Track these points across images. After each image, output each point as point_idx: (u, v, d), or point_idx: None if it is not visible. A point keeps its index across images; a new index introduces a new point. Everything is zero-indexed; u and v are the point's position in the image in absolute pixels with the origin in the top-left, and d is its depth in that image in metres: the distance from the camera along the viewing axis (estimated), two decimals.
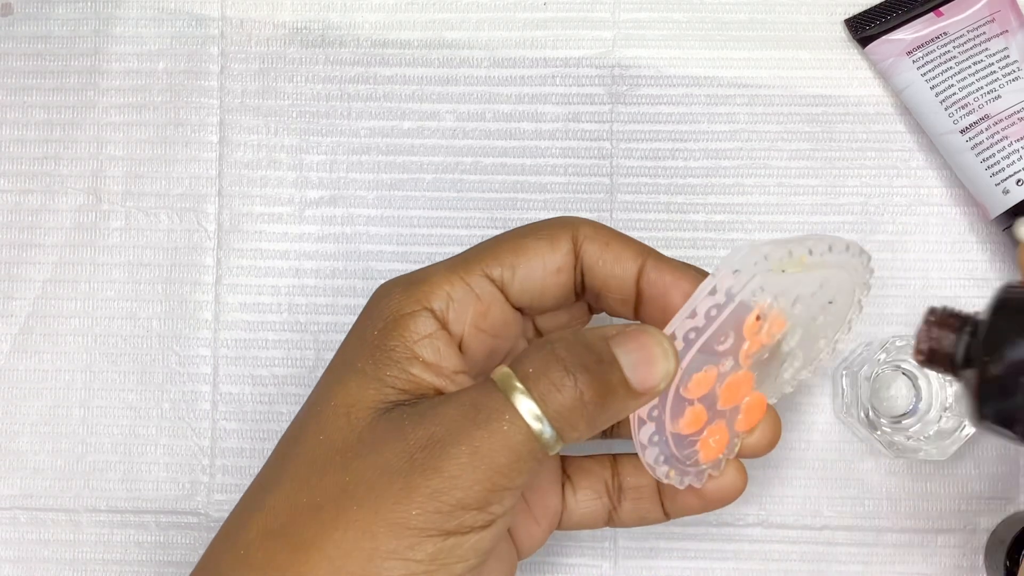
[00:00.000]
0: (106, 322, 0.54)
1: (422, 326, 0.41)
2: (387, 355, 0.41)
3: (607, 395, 0.39)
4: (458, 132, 0.54)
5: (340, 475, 0.39)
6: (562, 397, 0.39)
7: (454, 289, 0.42)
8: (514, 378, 0.39)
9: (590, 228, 0.43)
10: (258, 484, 0.42)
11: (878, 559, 0.52)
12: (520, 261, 0.43)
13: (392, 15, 0.55)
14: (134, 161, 0.55)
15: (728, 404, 0.43)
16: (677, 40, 0.54)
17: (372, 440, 0.39)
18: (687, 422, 0.42)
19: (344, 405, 0.40)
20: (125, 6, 0.55)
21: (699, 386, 0.42)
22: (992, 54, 0.52)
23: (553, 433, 0.39)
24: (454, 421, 0.39)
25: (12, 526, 0.53)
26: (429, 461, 0.38)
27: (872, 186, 0.53)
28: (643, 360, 0.40)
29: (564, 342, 0.40)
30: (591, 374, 0.39)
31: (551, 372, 0.39)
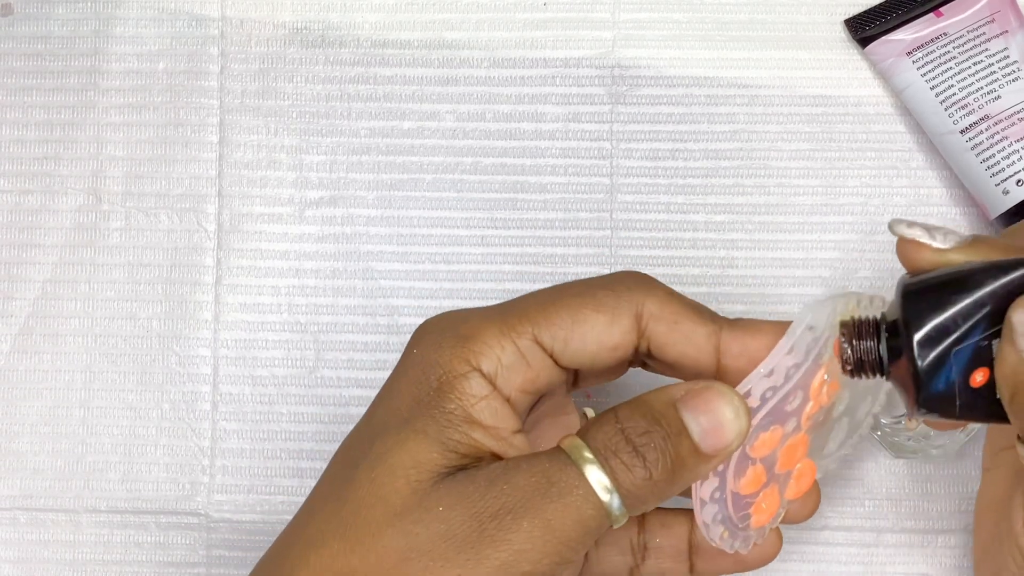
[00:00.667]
0: (106, 322, 0.54)
1: (476, 388, 0.40)
2: (447, 417, 0.39)
3: (677, 470, 0.39)
4: (458, 132, 0.54)
5: (399, 540, 0.38)
6: (633, 477, 0.38)
7: (504, 353, 0.41)
8: (585, 449, 0.38)
9: (655, 304, 0.41)
10: (299, 538, 0.40)
11: (878, 559, 0.52)
12: (575, 334, 0.41)
13: (392, 15, 0.55)
14: (134, 161, 0.55)
15: (784, 468, 0.43)
16: (677, 40, 0.54)
17: (436, 506, 0.38)
18: (748, 481, 0.42)
19: (404, 467, 0.39)
20: (125, 6, 0.55)
21: (764, 446, 0.42)
22: (992, 54, 0.52)
23: (621, 506, 0.38)
24: (526, 492, 0.38)
25: (12, 526, 0.53)
26: (499, 533, 0.37)
27: (872, 186, 0.53)
28: (713, 425, 0.39)
29: (632, 419, 0.39)
30: (660, 452, 0.38)
31: (621, 453, 0.38)
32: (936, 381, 0.38)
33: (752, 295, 0.53)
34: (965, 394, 0.38)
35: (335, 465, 0.42)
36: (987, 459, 0.46)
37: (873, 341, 0.40)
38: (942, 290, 0.38)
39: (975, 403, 0.38)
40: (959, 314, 0.37)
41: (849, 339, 0.40)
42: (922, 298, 0.38)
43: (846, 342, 0.40)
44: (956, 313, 0.37)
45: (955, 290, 0.38)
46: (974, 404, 0.38)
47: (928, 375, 0.38)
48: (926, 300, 0.38)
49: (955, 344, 0.37)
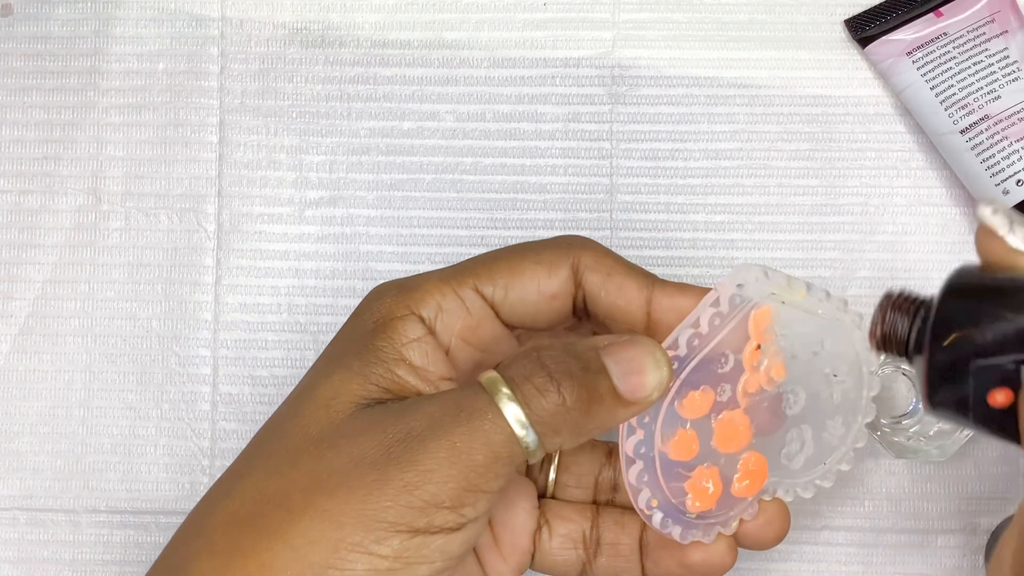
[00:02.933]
0: (106, 322, 0.54)
1: (411, 330, 0.41)
2: (374, 354, 0.41)
3: (592, 402, 0.39)
4: (458, 132, 0.54)
5: (313, 464, 0.39)
6: (545, 402, 0.39)
7: (444, 299, 0.42)
8: (501, 382, 0.39)
9: (591, 257, 0.43)
10: (230, 472, 0.41)
11: (878, 559, 0.52)
12: (514, 282, 0.42)
13: (392, 15, 0.55)
14: (134, 161, 0.55)
15: (724, 446, 0.43)
16: (677, 40, 0.54)
17: (350, 432, 0.39)
18: (677, 444, 0.42)
19: (325, 397, 0.40)
20: (125, 6, 0.55)
21: (694, 406, 0.42)
22: (992, 54, 0.52)
23: (536, 438, 0.39)
24: (435, 417, 0.39)
25: (12, 526, 0.53)
26: (405, 454, 0.38)
27: (872, 186, 0.53)
28: (634, 369, 0.40)
29: (552, 350, 0.40)
30: (575, 380, 0.39)
31: (535, 378, 0.39)
32: (952, 389, 0.36)
33: None
34: (980, 409, 0.36)
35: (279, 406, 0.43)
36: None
37: (906, 320, 0.38)
38: (984, 299, 0.36)
39: (989, 421, 0.36)
40: (995, 331, 0.35)
41: (884, 310, 0.39)
42: (961, 301, 0.36)
43: (881, 309, 0.39)
44: (992, 329, 0.35)
45: (997, 303, 0.35)
46: (987, 421, 0.36)
47: (944, 380, 0.36)
48: (964, 304, 0.36)
49: (978, 357, 0.35)
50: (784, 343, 0.43)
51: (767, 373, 0.43)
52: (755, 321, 0.42)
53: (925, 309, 0.38)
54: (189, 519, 0.41)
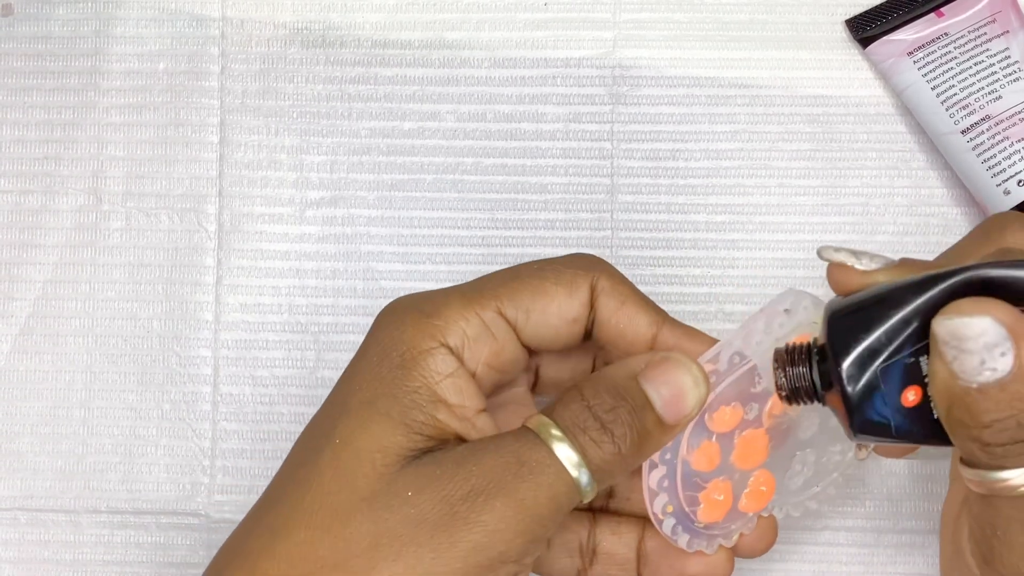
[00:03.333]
0: (106, 323, 0.54)
1: (442, 365, 0.40)
2: (410, 397, 0.39)
3: (643, 441, 0.40)
4: (459, 133, 0.54)
5: (368, 526, 0.37)
6: (602, 452, 0.39)
7: (469, 326, 0.41)
8: (553, 427, 0.39)
9: (608, 282, 0.43)
10: (264, 524, 0.39)
11: (878, 559, 0.52)
12: (537, 306, 0.42)
13: (392, 15, 0.55)
14: (134, 161, 0.55)
15: (742, 464, 0.43)
16: (677, 40, 0.54)
17: (404, 490, 0.38)
18: (700, 455, 0.42)
19: (368, 451, 0.38)
20: (125, 6, 0.55)
21: (723, 421, 0.42)
22: (993, 55, 0.52)
23: (591, 480, 0.39)
24: (496, 472, 0.38)
25: (12, 527, 0.53)
26: (472, 514, 0.37)
27: (873, 187, 0.53)
28: (675, 395, 0.40)
29: (596, 392, 0.40)
30: (627, 427, 0.39)
31: (590, 429, 0.39)
32: (868, 405, 0.37)
33: (753, 295, 0.53)
34: (899, 415, 0.37)
35: (297, 450, 0.41)
36: (953, 468, 0.45)
37: (805, 367, 0.40)
38: (865, 310, 0.38)
39: (911, 424, 0.37)
40: (884, 333, 0.37)
41: (781, 366, 0.40)
42: (846, 320, 0.38)
43: (779, 368, 0.40)
44: (881, 332, 0.37)
45: (878, 309, 0.37)
46: (910, 425, 0.37)
47: (859, 399, 0.37)
48: (850, 321, 0.38)
49: (883, 363, 0.37)
50: None
51: None
52: None
53: (816, 351, 0.40)
54: None
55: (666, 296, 0.53)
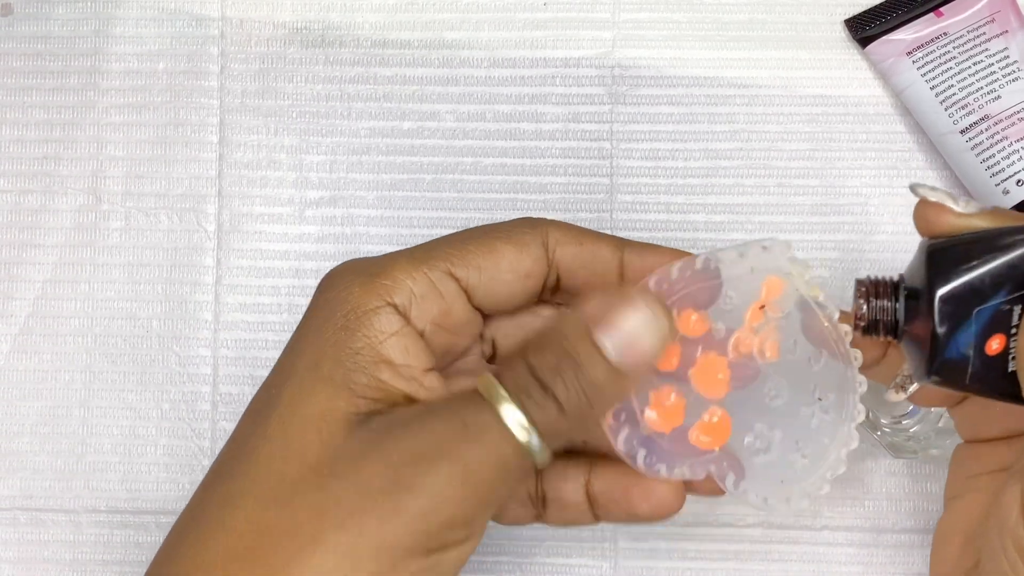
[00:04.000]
0: (106, 322, 0.54)
1: (386, 323, 0.39)
2: (354, 359, 0.39)
3: (595, 396, 0.38)
4: (458, 132, 0.54)
5: (315, 494, 0.37)
6: (546, 415, 0.38)
7: (416, 284, 0.40)
8: (500, 388, 0.38)
9: (559, 231, 0.42)
10: (214, 497, 0.39)
11: (878, 559, 0.52)
12: (487, 264, 0.41)
13: (392, 15, 0.55)
14: (134, 161, 0.55)
15: (699, 382, 0.41)
16: (677, 40, 0.54)
17: (350, 457, 0.37)
18: None
19: (313, 417, 0.38)
20: (125, 6, 0.55)
21: (686, 325, 0.41)
22: (992, 54, 0.52)
23: (541, 444, 0.38)
24: (442, 436, 0.37)
25: (12, 526, 0.53)
26: (416, 479, 0.37)
27: (872, 187, 0.53)
28: (630, 336, 0.38)
29: (537, 348, 0.38)
30: (570, 386, 0.38)
31: (532, 389, 0.38)
32: (952, 343, 0.37)
33: None
34: (978, 361, 0.37)
35: (244, 420, 0.40)
36: (953, 488, 0.45)
37: (891, 300, 0.39)
38: (969, 249, 0.37)
39: (987, 373, 0.37)
40: (986, 274, 0.37)
41: (865, 297, 0.40)
42: (948, 256, 0.38)
43: (862, 299, 0.40)
44: (983, 272, 0.37)
45: (982, 249, 0.37)
46: (985, 374, 0.37)
47: (946, 335, 0.37)
48: (952, 258, 0.37)
49: (977, 304, 0.37)
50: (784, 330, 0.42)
51: (760, 342, 0.42)
52: (768, 286, 0.41)
53: (903, 286, 0.40)
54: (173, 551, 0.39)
55: None
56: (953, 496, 0.44)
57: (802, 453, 0.42)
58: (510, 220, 0.43)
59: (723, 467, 0.42)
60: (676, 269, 0.41)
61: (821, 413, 0.43)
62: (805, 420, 0.43)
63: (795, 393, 0.43)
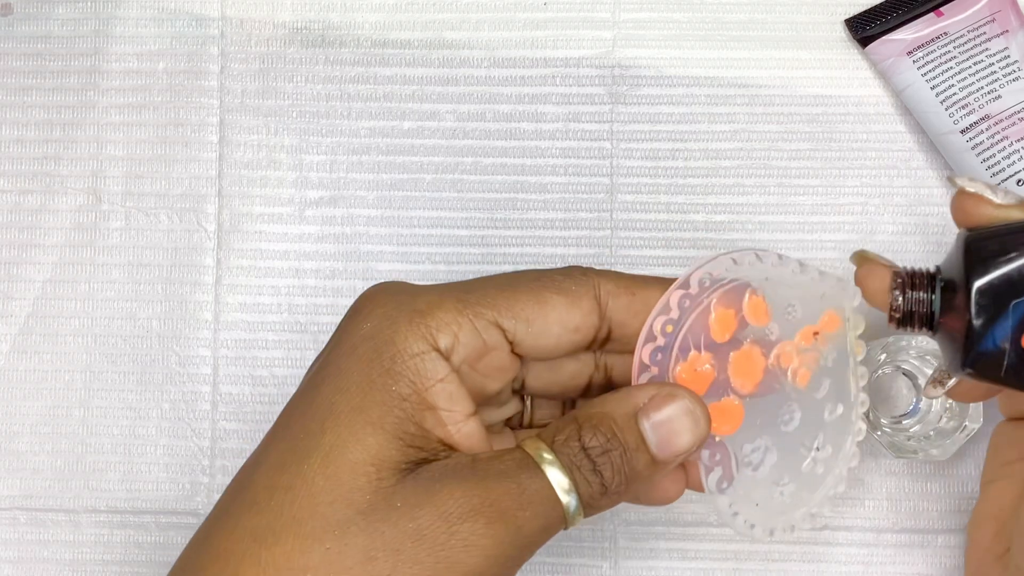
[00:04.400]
0: (106, 322, 0.54)
1: (432, 369, 0.39)
2: (401, 405, 0.39)
3: (631, 481, 0.39)
4: (458, 132, 0.54)
5: (364, 539, 0.37)
6: (591, 490, 0.39)
7: (462, 331, 0.40)
8: (549, 452, 0.39)
9: (611, 282, 0.42)
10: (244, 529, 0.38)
11: (878, 559, 0.52)
12: (536, 316, 0.41)
13: (392, 15, 0.55)
14: (134, 161, 0.55)
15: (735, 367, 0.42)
16: (677, 40, 0.54)
17: (405, 505, 0.37)
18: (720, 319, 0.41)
19: (363, 463, 0.38)
20: (125, 6, 0.55)
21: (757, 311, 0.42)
22: (992, 54, 0.52)
23: (578, 509, 0.39)
24: (498, 495, 0.38)
25: (12, 526, 0.53)
26: (472, 537, 0.37)
27: (872, 186, 0.53)
28: (673, 433, 0.40)
29: (591, 429, 0.39)
30: (617, 471, 0.39)
31: (582, 466, 0.39)
32: (989, 336, 0.37)
33: None
34: (1015, 355, 0.37)
35: (276, 450, 0.40)
36: (990, 471, 0.46)
37: (927, 292, 0.39)
38: (1008, 241, 0.37)
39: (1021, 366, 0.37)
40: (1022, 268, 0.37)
41: (901, 288, 0.40)
42: (986, 248, 0.38)
43: (897, 291, 0.40)
44: (1021, 265, 0.37)
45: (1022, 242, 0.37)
46: (1022, 368, 0.37)
47: (982, 327, 0.37)
48: (990, 250, 0.37)
49: (1014, 297, 0.37)
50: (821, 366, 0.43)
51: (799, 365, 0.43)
52: (829, 317, 0.42)
53: (940, 279, 0.39)
54: None
55: None
56: (988, 480, 0.45)
57: (782, 491, 0.43)
58: (561, 268, 0.42)
59: (715, 459, 0.42)
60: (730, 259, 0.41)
61: (813, 462, 0.43)
62: (798, 459, 0.43)
63: (803, 428, 0.43)
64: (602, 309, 0.41)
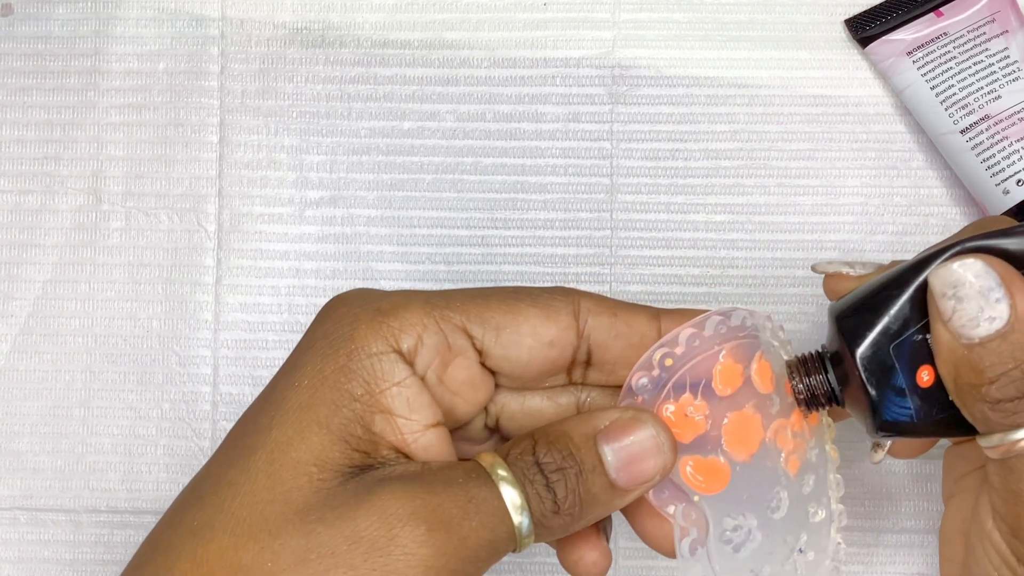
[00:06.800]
0: (106, 322, 0.54)
1: (390, 371, 0.37)
2: (351, 406, 0.37)
3: (586, 504, 0.38)
4: (458, 132, 0.54)
5: (299, 540, 0.35)
6: (543, 508, 0.37)
7: (427, 332, 0.38)
8: (504, 468, 0.37)
9: (592, 301, 0.40)
10: (184, 524, 0.37)
11: (878, 559, 0.52)
12: (507, 324, 0.39)
13: (392, 15, 0.55)
14: (134, 161, 0.55)
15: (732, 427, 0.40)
16: (677, 40, 0.54)
17: (344, 506, 0.36)
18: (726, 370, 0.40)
19: (305, 463, 0.36)
20: (125, 6, 0.55)
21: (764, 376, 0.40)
22: (992, 54, 0.52)
23: (530, 529, 0.37)
24: (442, 502, 0.36)
25: (12, 526, 0.53)
26: (411, 544, 0.35)
27: (872, 186, 0.53)
28: (632, 459, 0.38)
29: (546, 445, 0.38)
30: (570, 491, 0.37)
31: (536, 482, 0.37)
32: (886, 390, 0.38)
33: (752, 295, 0.53)
34: (916, 398, 0.38)
35: (228, 445, 0.38)
36: (948, 488, 0.45)
37: (821, 373, 0.40)
38: (867, 300, 0.38)
39: (929, 407, 0.38)
40: (890, 314, 0.38)
41: (799, 376, 0.40)
42: (852, 312, 0.39)
43: (795, 379, 0.41)
44: (886, 314, 0.38)
45: (880, 295, 0.38)
46: (928, 408, 0.38)
47: (878, 383, 0.38)
48: (856, 312, 0.38)
49: (894, 343, 0.38)
50: (809, 458, 0.42)
51: (792, 450, 0.41)
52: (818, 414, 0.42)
53: (829, 357, 0.40)
54: (140, 572, 0.37)
55: (665, 296, 0.53)
56: (948, 496, 0.45)
57: None
58: (542, 286, 0.41)
59: (691, 519, 0.40)
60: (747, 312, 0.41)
61: (795, 565, 0.41)
62: (782, 552, 0.41)
63: (789, 520, 0.41)
64: (580, 327, 0.40)
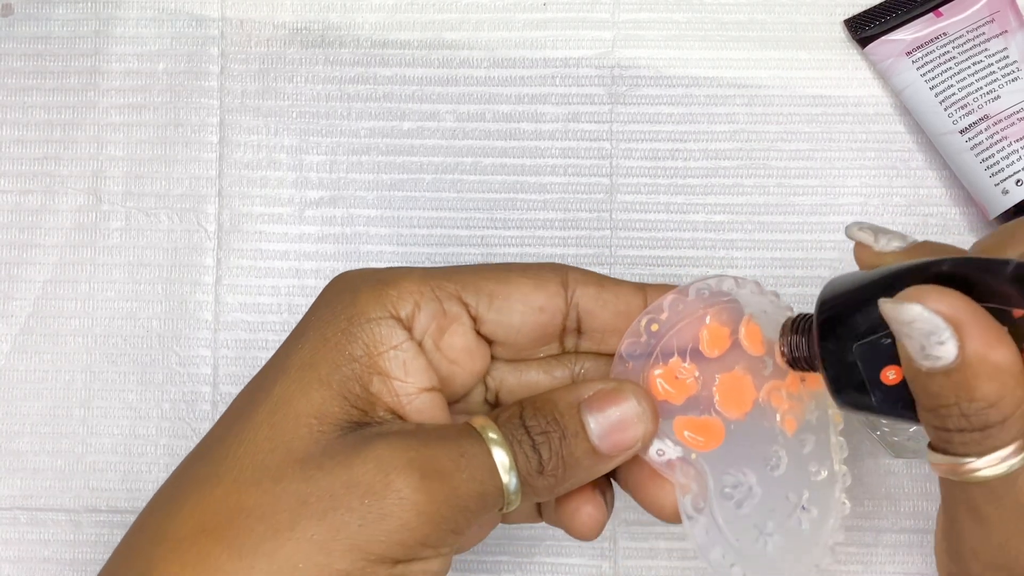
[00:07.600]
0: (106, 322, 0.54)
1: (388, 335, 0.40)
2: (351, 365, 0.39)
3: (568, 467, 0.39)
4: (458, 132, 0.54)
5: (299, 485, 0.37)
6: (529, 467, 0.39)
7: (424, 299, 0.41)
8: (494, 430, 0.39)
9: (579, 272, 0.42)
10: (189, 477, 0.39)
11: (878, 559, 0.52)
12: (499, 292, 0.41)
13: (392, 15, 0.55)
14: (134, 161, 0.55)
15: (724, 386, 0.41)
16: (677, 40, 0.54)
17: (343, 454, 0.38)
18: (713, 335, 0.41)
19: (306, 415, 0.38)
20: (125, 6, 0.55)
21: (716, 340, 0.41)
22: (991, 54, 0.52)
23: (517, 488, 0.39)
24: (437, 455, 0.38)
25: (12, 526, 0.53)
26: (406, 490, 0.37)
27: (872, 186, 0.53)
28: (614, 426, 0.40)
29: (533, 410, 0.40)
30: (553, 453, 0.39)
31: (523, 443, 0.39)
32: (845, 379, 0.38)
33: None
34: (879, 392, 0.38)
35: (235, 404, 0.41)
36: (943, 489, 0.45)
37: (805, 337, 0.41)
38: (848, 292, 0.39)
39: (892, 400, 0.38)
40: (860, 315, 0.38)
41: (785, 335, 0.41)
42: (831, 299, 0.39)
43: (784, 335, 0.41)
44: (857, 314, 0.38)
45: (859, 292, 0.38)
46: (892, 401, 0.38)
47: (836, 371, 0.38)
48: (834, 300, 0.39)
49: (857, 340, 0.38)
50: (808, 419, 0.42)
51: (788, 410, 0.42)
52: None
53: None
54: (145, 522, 0.39)
55: None
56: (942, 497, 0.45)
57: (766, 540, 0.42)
58: (532, 262, 0.44)
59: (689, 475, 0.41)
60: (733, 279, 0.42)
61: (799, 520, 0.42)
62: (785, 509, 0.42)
63: (789, 477, 0.42)
64: (568, 295, 0.42)
